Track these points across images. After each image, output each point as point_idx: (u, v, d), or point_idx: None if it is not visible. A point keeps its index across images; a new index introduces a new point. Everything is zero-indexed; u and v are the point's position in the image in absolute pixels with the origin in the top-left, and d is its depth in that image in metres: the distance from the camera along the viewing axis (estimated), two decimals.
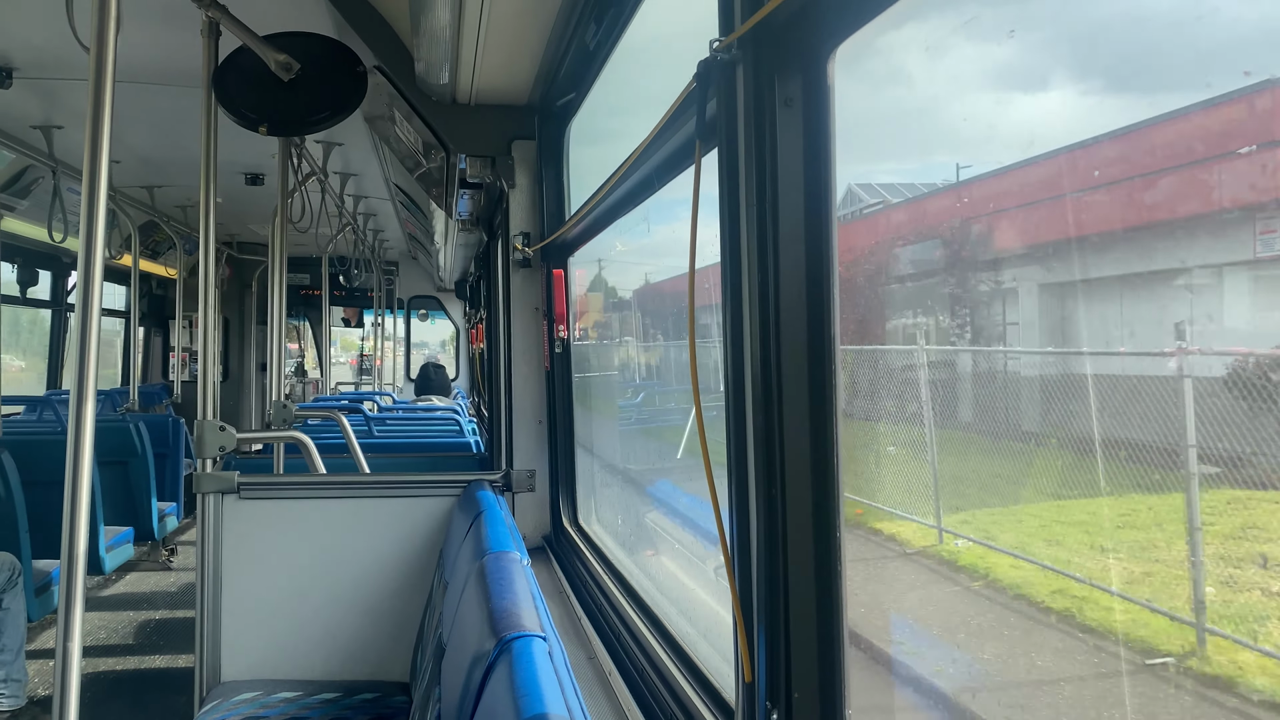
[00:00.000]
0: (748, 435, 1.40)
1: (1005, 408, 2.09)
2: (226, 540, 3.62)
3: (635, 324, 4.94)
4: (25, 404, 8.37)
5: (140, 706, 5.03)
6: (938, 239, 2.20)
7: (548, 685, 1.62)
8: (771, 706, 1.36)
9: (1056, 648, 2.05)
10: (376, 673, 3.68)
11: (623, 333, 5.16)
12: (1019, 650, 2.21)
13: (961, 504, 2.58)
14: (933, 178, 2.26)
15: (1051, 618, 2.08)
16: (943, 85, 1.66)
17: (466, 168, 3.89)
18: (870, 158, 2.23)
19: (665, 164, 2.02)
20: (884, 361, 2.40)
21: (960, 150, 1.91)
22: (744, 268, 1.39)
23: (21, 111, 5.71)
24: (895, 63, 1.62)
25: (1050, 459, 1.96)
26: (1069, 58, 1.46)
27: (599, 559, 3.29)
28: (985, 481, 2.42)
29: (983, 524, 2.47)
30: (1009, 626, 2.31)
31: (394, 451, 6.31)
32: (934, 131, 1.93)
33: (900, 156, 2.30)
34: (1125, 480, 1.66)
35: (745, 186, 1.38)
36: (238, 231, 11.17)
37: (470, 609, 2.23)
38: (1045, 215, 1.73)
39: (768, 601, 1.36)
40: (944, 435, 2.44)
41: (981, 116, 1.65)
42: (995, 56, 1.50)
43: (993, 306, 2.04)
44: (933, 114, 1.82)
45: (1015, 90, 1.57)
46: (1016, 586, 2.25)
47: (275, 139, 5.19)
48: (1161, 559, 1.80)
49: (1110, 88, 1.43)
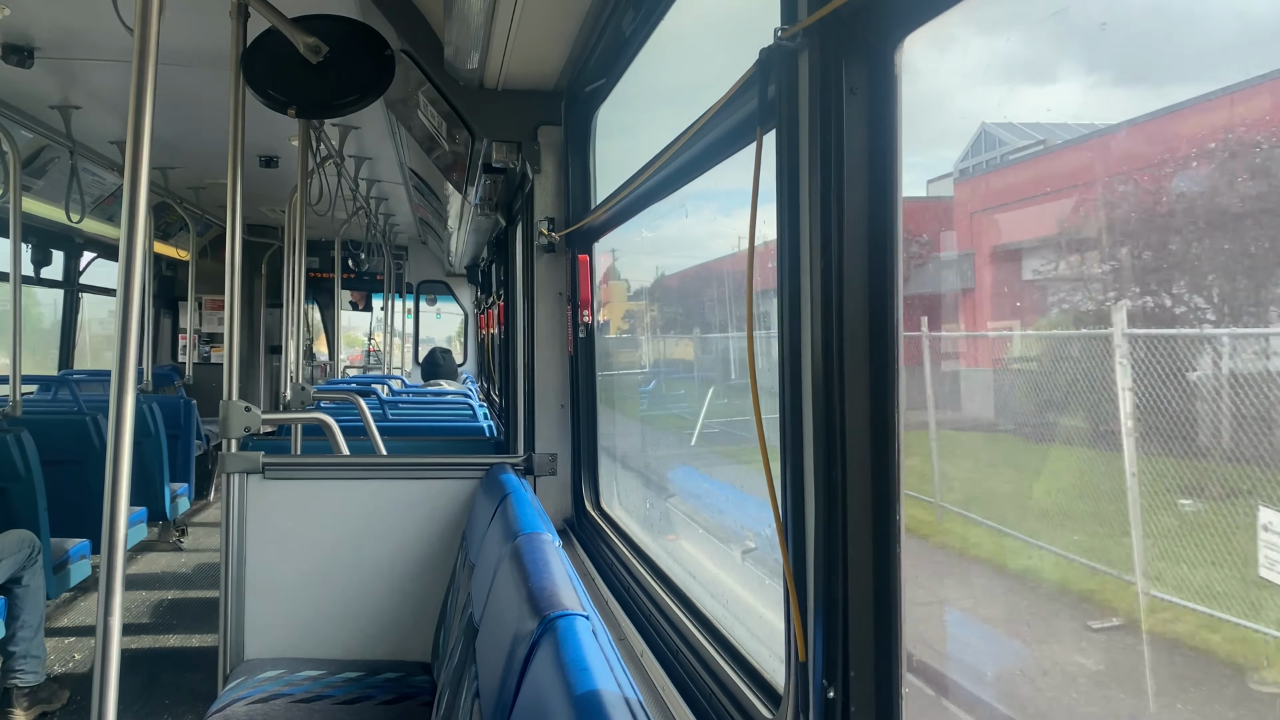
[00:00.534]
0: (804, 416, 1.42)
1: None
2: (250, 520, 3.65)
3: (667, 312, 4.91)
4: (40, 383, 8.40)
5: (157, 683, 5.06)
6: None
7: (595, 663, 1.64)
8: (828, 685, 1.38)
9: None
10: (397, 652, 3.71)
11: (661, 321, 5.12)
12: None
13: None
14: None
15: None
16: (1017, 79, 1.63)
17: (491, 152, 3.89)
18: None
19: (713, 148, 2.03)
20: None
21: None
22: (804, 252, 1.41)
23: (41, 91, 5.72)
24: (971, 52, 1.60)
25: None
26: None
27: (625, 542, 3.32)
28: None
29: None
30: None
31: (408, 435, 6.33)
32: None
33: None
34: None
35: (808, 172, 1.39)
36: (249, 214, 11.17)
37: (506, 589, 2.25)
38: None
39: (825, 581, 1.39)
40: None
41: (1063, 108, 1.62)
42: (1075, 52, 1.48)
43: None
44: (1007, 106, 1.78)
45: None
46: None
47: (294, 122, 5.21)
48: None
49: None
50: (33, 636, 4.66)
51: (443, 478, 3.78)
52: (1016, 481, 2.25)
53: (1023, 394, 2.09)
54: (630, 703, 1.51)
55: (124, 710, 4.69)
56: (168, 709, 4.76)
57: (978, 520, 2.50)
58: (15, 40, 4.75)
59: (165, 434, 7.21)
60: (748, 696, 1.88)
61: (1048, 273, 1.81)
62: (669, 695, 2.25)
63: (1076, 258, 1.75)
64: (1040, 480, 2.07)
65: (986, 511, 2.49)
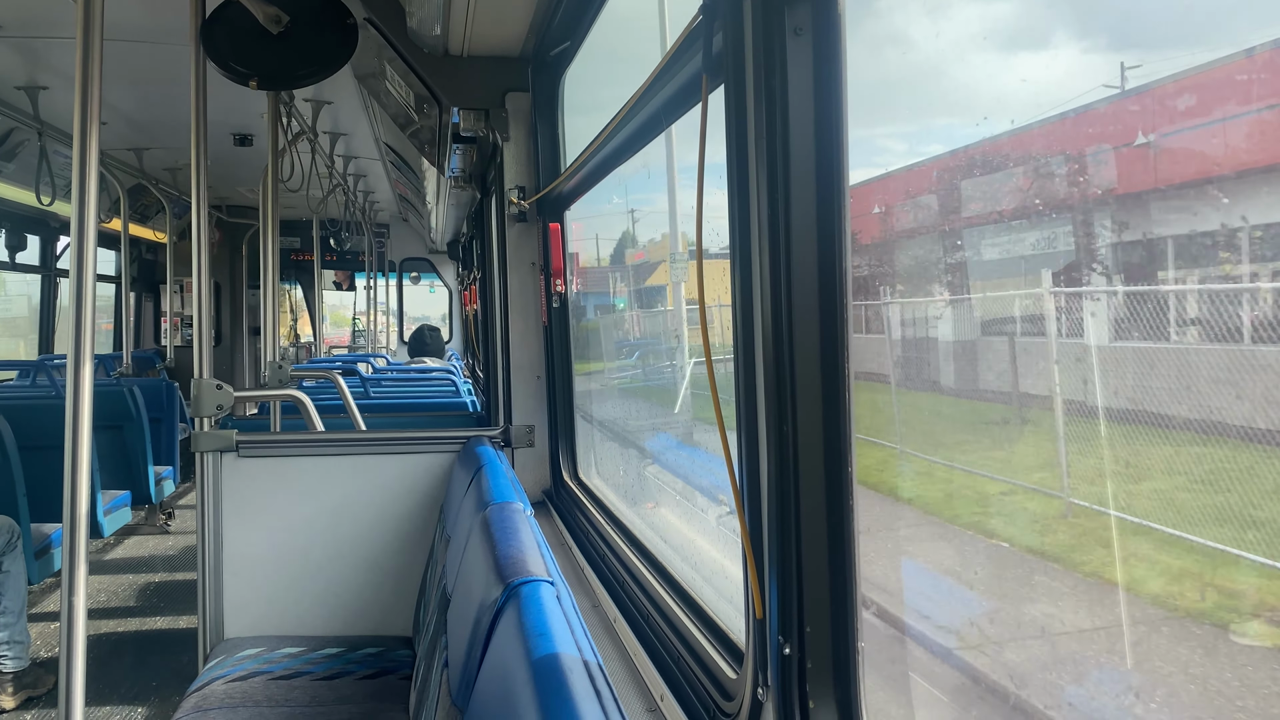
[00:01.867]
0: (757, 372, 1.39)
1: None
2: (226, 499, 3.62)
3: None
4: (18, 369, 8.33)
5: (144, 665, 5.06)
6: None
7: (557, 627, 1.63)
8: (784, 641, 1.37)
9: None
10: (379, 628, 3.70)
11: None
12: None
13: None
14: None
15: None
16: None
17: (460, 121, 3.84)
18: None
19: (671, 103, 1.99)
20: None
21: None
22: (753, 202, 1.37)
23: (5, 72, 5.63)
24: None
25: None
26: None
27: (600, 510, 3.30)
28: None
29: None
30: None
31: (390, 411, 6.31)
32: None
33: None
34: None
35: (754, 120, 1.36)
36: (227, 195, 11.06)
37: (475, 558, 2.23)
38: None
39: (779, 538, 1.37)
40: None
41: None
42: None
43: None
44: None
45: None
46: None
47: (264, 98, 5.14)
48: None
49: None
50: (15, 622, 4.64)
51: (420, 452, 3.76)
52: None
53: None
54: (590, 666, 1.49)
55: (110, 693, 4.69)
56: (154, 690, 4.76)
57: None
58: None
59: (148, 417, 7.16)
60: (713, 657, 1.87)
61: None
62: (640, 660, 2.25)
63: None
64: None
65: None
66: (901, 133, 2.43)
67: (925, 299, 2.72)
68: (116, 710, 4.54)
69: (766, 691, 1.43)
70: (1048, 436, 2.29)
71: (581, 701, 1.38)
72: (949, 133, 2.15)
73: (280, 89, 4.70)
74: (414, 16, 3.46)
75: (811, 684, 1.35)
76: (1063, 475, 2.28)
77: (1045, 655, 2.26)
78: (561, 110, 3.80)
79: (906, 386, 2.90)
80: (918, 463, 2.90)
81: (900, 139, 2.47)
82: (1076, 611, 2.25)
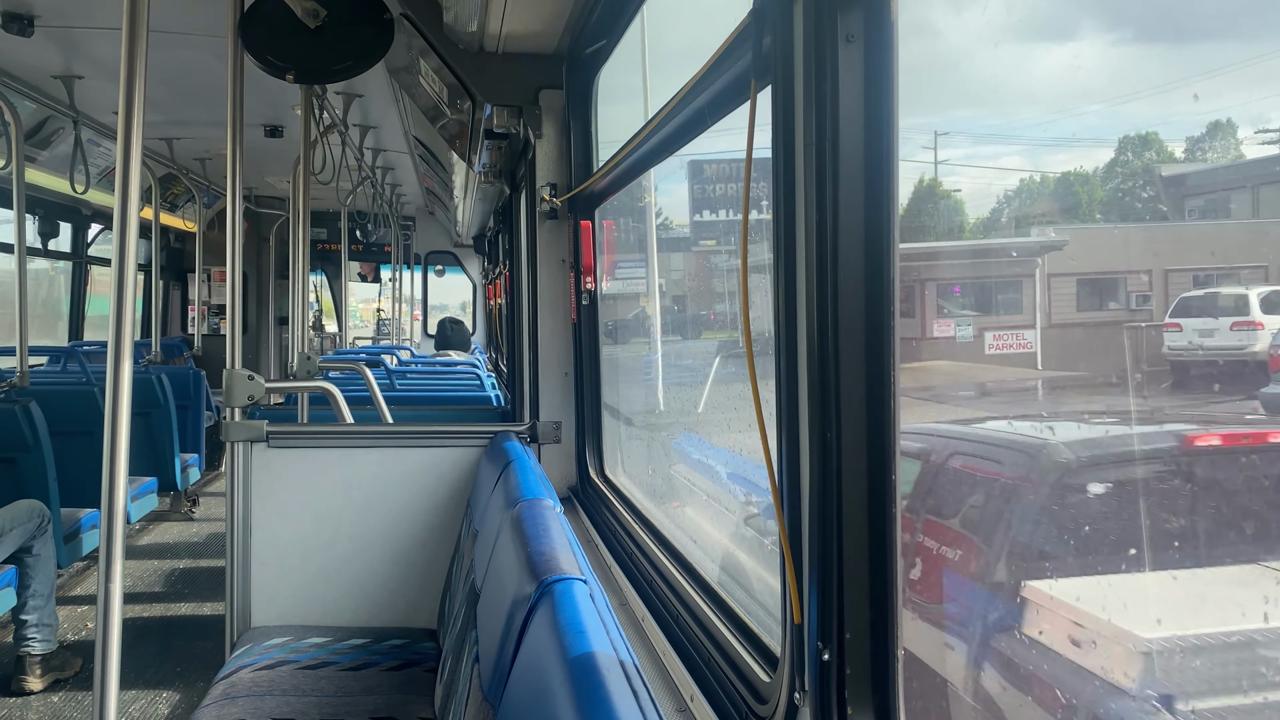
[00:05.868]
0: (799, 375, 1.39)
1: None
2: (255, 488, 3.66)
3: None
4: (49, 355, 8.42)
5: (169, 651, 5.11)
6: None
7: (592, 626, 1.63)
8: (823, 647, 1.37)
9: None
10: (404, 620, 3.72)
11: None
12: None
13: None
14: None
15: None
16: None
17: (493, 117, 3.85)
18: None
19: (711, 106, 1.99)
20: None
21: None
22: (799, 205, 1.37)
23: (42, 61, 5.68)
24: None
25: None
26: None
27: (628, 509, 3.31)
28: None
29: None
30: None
31: (415, 404, 6.33)
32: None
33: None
34: None
35: (802, 124, 1.36)
36: (255, 185, 11.13)
37: (506, 555, 2.24)
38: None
39: (820, 542, 1.37)
40: None
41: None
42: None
43: None
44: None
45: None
46: None
47: (296, 90, 5.17)
48: None
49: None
50: (44, 605, 4.69)
51: (448, 446, 3.78)
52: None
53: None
54: (625, 665, 1.50)
55: (136, 677, 4.73)
56: (179, 676, 4.81)
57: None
58: (14, 8, 4.70)
59: (174, 405, 7.23)
60: (746, 660, 1.87)
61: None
62: (669, 659, 2.25)
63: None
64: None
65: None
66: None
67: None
68: (143, 695, 4.60)
69: (804, 696, 1.42)
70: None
71: (619, 700, 1.38)
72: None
73: (316, 82, 4.73)
74: (450, 11, 3.47)
75: (850, 690, 1.35)
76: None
77: None
78: (595, 108, 3.80)
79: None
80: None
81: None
82: None
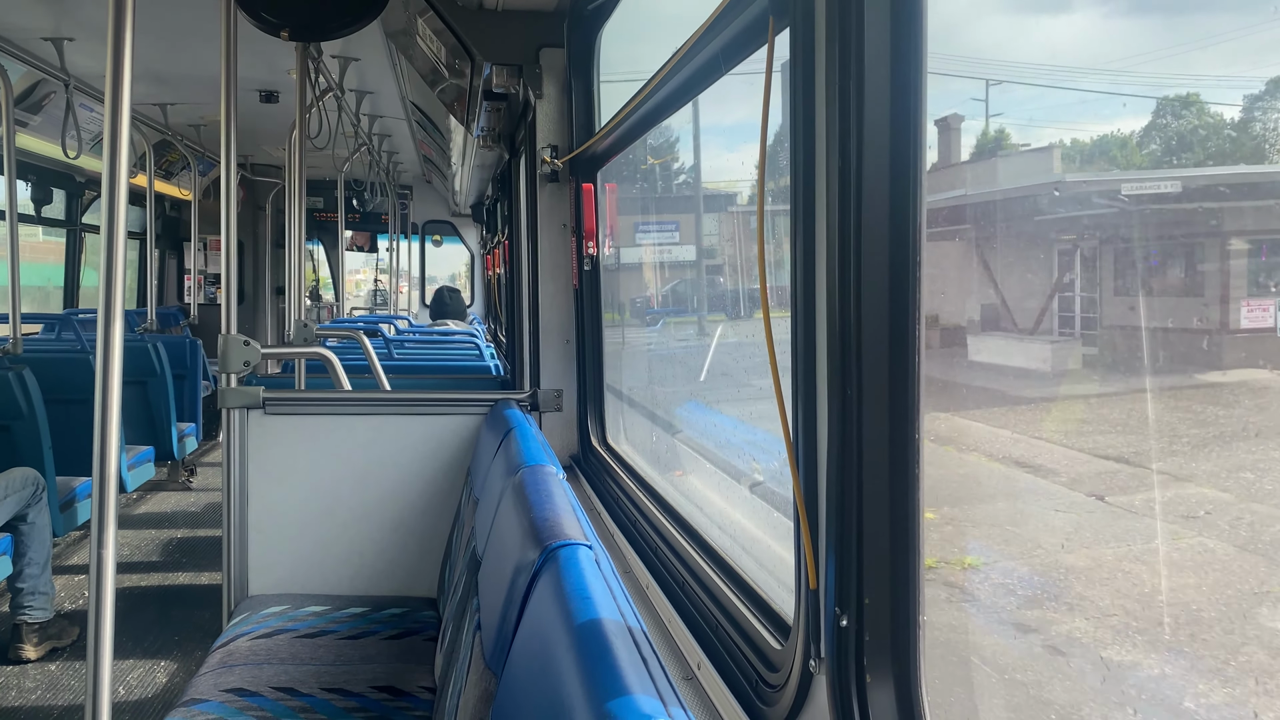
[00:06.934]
0: (818, 328, 1.33)
1: None
2: (252, 456, 3.60)
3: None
4: (44, 322, 8.35)
5: (167, 620, 5.08)
6: None
7: (598, 591, 1.58)
8: (840, 612, 1.31)
9: None
10: (403, 588, 3.69)
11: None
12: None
13: None
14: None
15: None
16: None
17: (492, 77, 3.76)
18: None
19: (723, 54, 1.91)
20: None
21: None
22: (819, 154, 1.30)
23: (31, 22, 5.57)
24: None
25: None
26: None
27: (631, 476, 3.26)
28: None
29: None
30: None
31: (414, 373, 6.28)
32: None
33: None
34: None
35: (824, 70, 1.29)
36: (251, 153, 11.01)
37: (508, 521, 2.19)
38: None
39: (838, 503, 1.31)
40: None
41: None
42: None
43: None
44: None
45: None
46: None
47: (292, 56, 5.07)
48: None
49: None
50: (40, 573, 4.65)
51: (447, 413, 3.72)
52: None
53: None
54: (633, 631, 1.45)
55: (134, 646, 4.70)
56: (177, 644, 4.78)
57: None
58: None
59: (171, 374, 7.16)
60: (755, 626, 1.82)
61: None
62: (675, 627, 2.20)
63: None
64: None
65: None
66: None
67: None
68: (141, 663, 4.57)
69: (819, 664, 1.37)
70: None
71: (626, 667, 1.33)
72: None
73: (312, 39, 4.62)
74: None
75: (869, 658, 1.30)
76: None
77: None
78: (597, 67, 3.71)
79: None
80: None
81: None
82: None
